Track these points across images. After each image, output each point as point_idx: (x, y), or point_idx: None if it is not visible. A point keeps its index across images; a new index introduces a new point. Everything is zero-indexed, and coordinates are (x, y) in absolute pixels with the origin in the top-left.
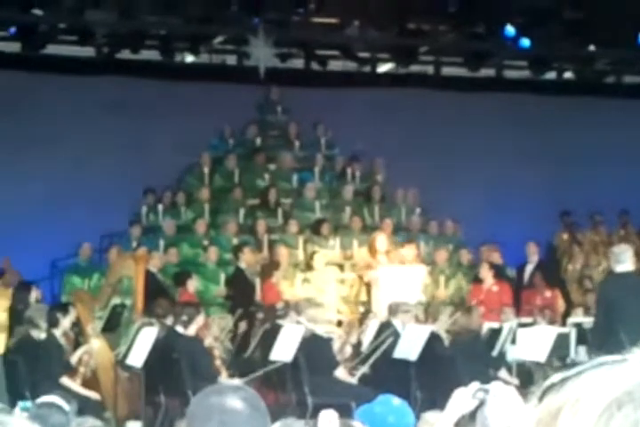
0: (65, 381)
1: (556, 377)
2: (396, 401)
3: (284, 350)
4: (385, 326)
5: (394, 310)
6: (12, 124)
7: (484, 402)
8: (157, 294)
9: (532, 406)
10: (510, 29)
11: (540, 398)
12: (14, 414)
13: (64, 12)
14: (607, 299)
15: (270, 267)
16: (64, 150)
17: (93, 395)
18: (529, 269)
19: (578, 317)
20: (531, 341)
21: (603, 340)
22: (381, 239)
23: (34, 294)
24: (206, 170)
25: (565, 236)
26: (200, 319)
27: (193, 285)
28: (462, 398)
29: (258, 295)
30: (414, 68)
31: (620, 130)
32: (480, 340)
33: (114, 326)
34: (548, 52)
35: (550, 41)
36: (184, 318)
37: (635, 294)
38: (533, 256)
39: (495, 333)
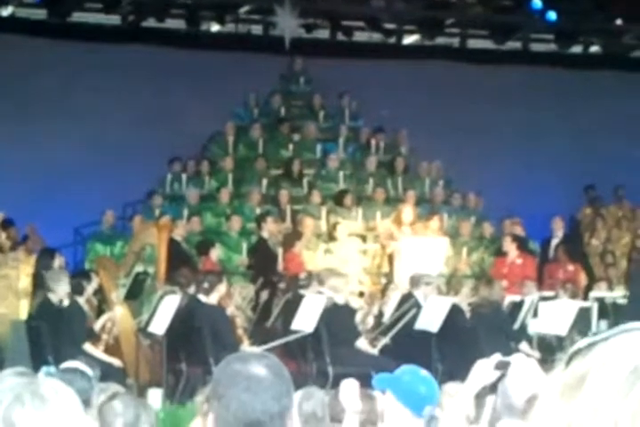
0: (88, 347)
1: (582, 342)
2: (423, 372)
3: (305, 320)
4: (407, 298)
5: (416, 281)
6: (37, 91)
7: (505, 374)
8: (181, 263)
9: (558, 370)
10: (537, 2)
11: (567, 363)
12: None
13: None
14: None
15: (293, 237)
16: (89, 118)
17: (116, 362)
18: (554, 243)
19: (600, 291)
20: (552, 314)
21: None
22: (408, 211)
23: (57, 261)
24: (230, 139)
25: (589, 210)
26: (222, 288)
27: (216, 254)
28: (483, 370)
29: (280, 265)
30: (440, 40)
31: None
32: (502, 313)
33: (136, 293)
34: (574, 26)
35: (577, 14)
36: (205, 285)
37: None
38: (559, 231)
39: (517, 306)
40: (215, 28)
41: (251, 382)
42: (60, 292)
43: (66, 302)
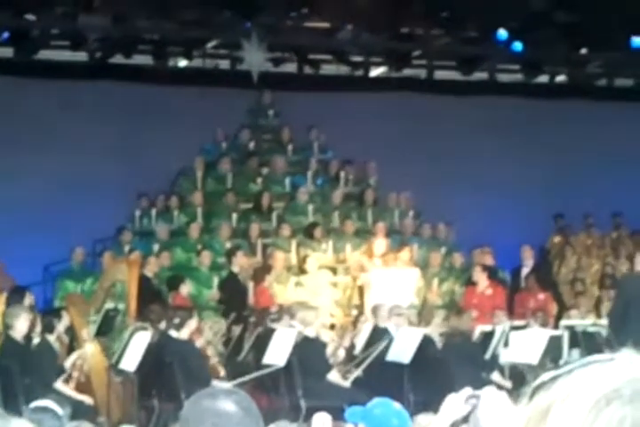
0: (59, 385)
1: (546, 376)
2: (395, 404)
3: (277, 353)
4: (378, 330)
5: (387, 313)
6: (3, 129)
7: (476, 407)
8: (151, 299)
9: (522, 404)
10: (503, 33)
11: (531, 397)
12: (10, 418)
13: (57, 17)
14: (627, 296)
15: (262, 271)
16: (56, 155)
17: (87, 399)
18: (524, 272)
19: (570, 319)
20: (523, 343)
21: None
22: (379, 243)
23: (27, 300)
24: (199, 174)
25: (558, 238)
26: (192, 323)
27: (186, 289)
28: (455, 404)
29: (251, 299)
30: (407, 71)
31: (612, 132)
32: (473, 343)
33: (107, 330)
34: (540, 56)
35: (542, 44)
36: (176, 321)
37: None
38: (528, 260)
39: (488, 335)
40: (182, 63)
41: (220, 419)
42: (19, 328)
43: (35, 340)
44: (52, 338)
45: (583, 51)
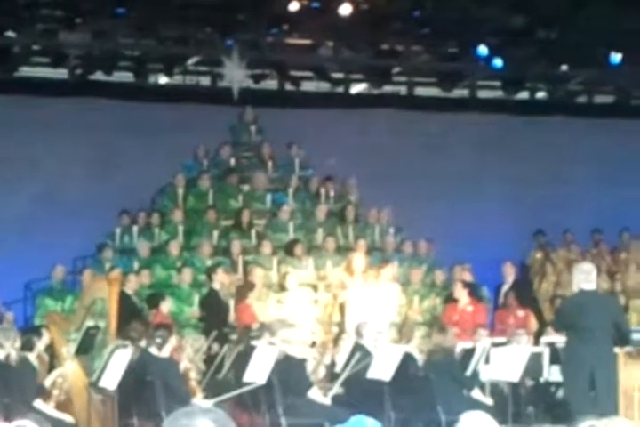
0: (39, 404)
1: None
2: (369, 422)
3: (257, 371)
4: (359, 347)
5: (368, 330)
6: None
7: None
8: (131, 317)
9: None
10: (483, 50)
11: None
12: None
13: (37, 34)
14: (569, 315)
15: (245, 288)
16: (36, 172)
17: (67, 418)
18: (505, 289)
19: (551, 336)
20: (504, 360)
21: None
22: (359, 259)
23: None
24: (180, 191)
25: (539, 255)
26: (173, 340)
27: (166, 306)
28: None
29: (232, 317)
30: (387, 88)
31: (592, 149)
32: (454, 360)
33: (87, 348)
34: (520, 73)
35: (523, 61)
36: (158, 340)
37: (596, 309)
38: (510, 276)
39: (468, 353)
40: (163, 80)
41: None
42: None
43: (14, 359)
44: (31, 356)
45: (563, 67)
